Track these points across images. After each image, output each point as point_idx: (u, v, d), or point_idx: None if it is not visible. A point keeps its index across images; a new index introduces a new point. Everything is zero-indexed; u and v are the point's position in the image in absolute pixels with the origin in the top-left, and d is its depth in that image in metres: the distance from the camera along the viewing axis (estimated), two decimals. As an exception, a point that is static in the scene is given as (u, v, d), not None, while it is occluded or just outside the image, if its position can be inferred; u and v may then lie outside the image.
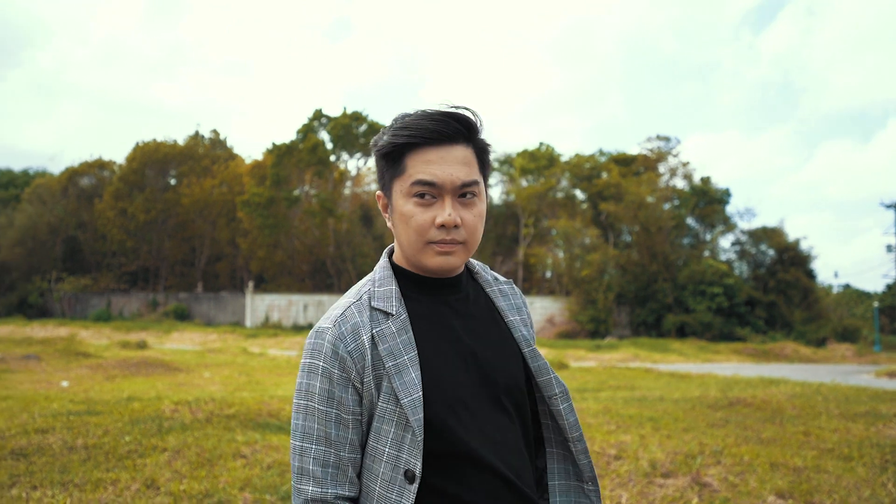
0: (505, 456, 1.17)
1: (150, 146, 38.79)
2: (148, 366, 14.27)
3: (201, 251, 40.31)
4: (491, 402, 1.18)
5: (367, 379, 1.11)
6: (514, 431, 1.20)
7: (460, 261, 1.18)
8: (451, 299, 1.23)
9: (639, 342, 28.19)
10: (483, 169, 1.21)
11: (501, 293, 1.31)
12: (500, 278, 1.35)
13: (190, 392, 9.39)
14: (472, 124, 1.17)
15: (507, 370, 1.21)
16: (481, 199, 1.19)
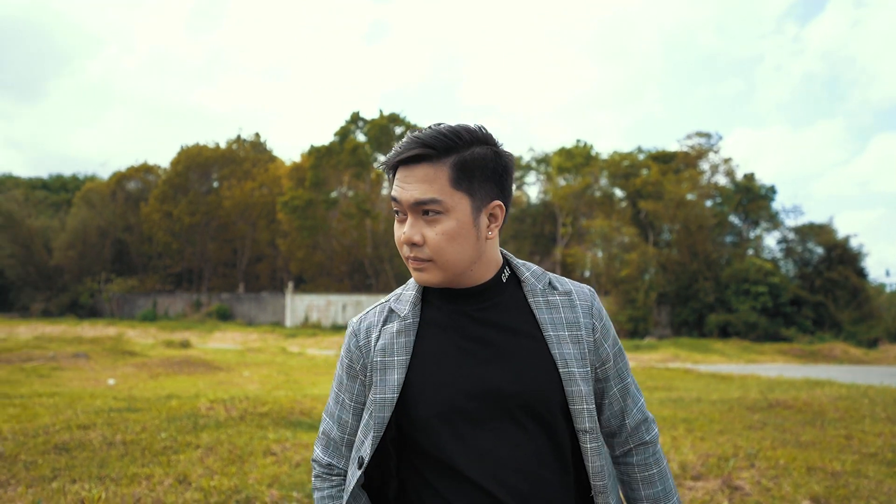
0: (502, 474, 1.14)
1: (193, 150, 39.80)
2: (190, 364, 14.64)
3: (243, 252, 41.17)
4: (499, 415, 1.15)
5: (368, 373, 1.23)
6: (528, 451, 1.16)
7: (433, 277, 1.17)
8: (472, 308, 1.21)
9: (679, 342, 27.68)
10: (463, 183, 1.13)
11: (548, 304, 1.22)
12: (558, 287, 1.25)
13: (229, 390, 9.60)
14: (438, 143, 1.11)
15: (525, 384, 1.16)
16: (449, 217, 1.12)
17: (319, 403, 6.99)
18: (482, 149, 1.14)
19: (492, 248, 1.22)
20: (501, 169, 1.17)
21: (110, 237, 40.61)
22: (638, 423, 1.28)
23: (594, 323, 1.23)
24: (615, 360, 1.26)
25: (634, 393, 1.30)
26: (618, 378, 1.27)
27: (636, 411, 1.28)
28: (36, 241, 39.31)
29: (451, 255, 1.14)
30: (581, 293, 1.25)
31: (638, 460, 1.28)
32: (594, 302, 1.25)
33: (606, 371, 1.25)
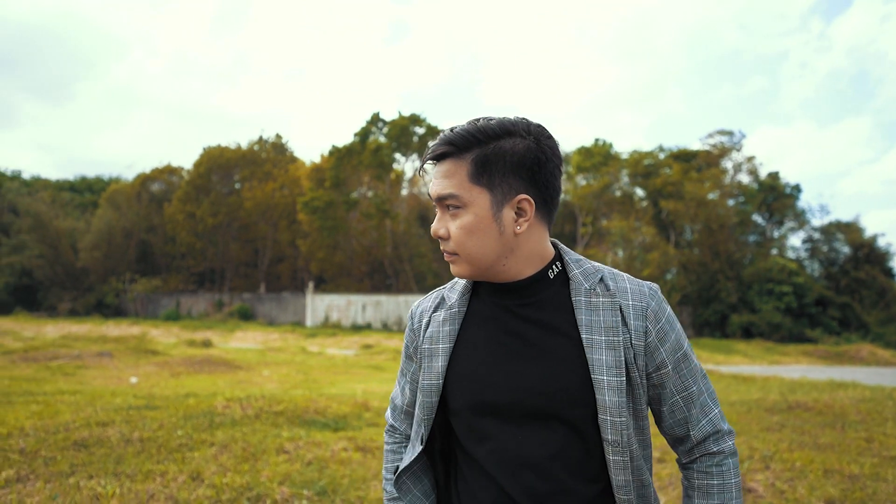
0: (521, 473, 1.15)
1: (215, 151, 40.29)
2: (211, 364, 14.82)
3: (264, 253, 41.56)
4: (526, 415, 1.16)
5: (418, 357, 1.31)
6: (552, 453, 1.15)
7: (463, 270, 1.19)
8: (514, 303, 1.21)
9: (701, 343, 27.36)
10: (482, 178, 1.14)
11: (590, 306, 1.17)
12: (610, 287, 1.18)
13: (247, 389, 9.70)
14: (459, 139, 1.14)
15: (555, 386, 1.14)
16: (468, 211, 1.14)
17: (334, 402, 7.04)
18: (509, 142, 1.13)
19: (529, 243, 1.18)
20: (531, 162, 1.14)
21: (135, 238, 41.28)
22: (706, 435, 1.20)
23: (647, 326, 1.16)
24: (676, 367, 1.19)
25: (705, 402, 1.21)
26: (680, 386, 1.20)
27: (705, 423, 1.20)
28: (63, 242, 40.09)
29: (472, 249, 1.16)
30: (637, 293, 1.18)
31: (699, 468, 1.21)
32: (650, 303, 1.17)
33: (662, 377, 1.18)
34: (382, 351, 20.78)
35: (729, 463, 1.21)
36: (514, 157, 1.14)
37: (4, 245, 42.12)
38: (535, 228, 1.19)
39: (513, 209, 1.15)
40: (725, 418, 1.24)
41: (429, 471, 1.32)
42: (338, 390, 9.80)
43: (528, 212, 1.16)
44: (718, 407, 1.24)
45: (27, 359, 14.22)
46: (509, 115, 1.19)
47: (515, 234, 1.16)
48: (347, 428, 6.04)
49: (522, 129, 1.15)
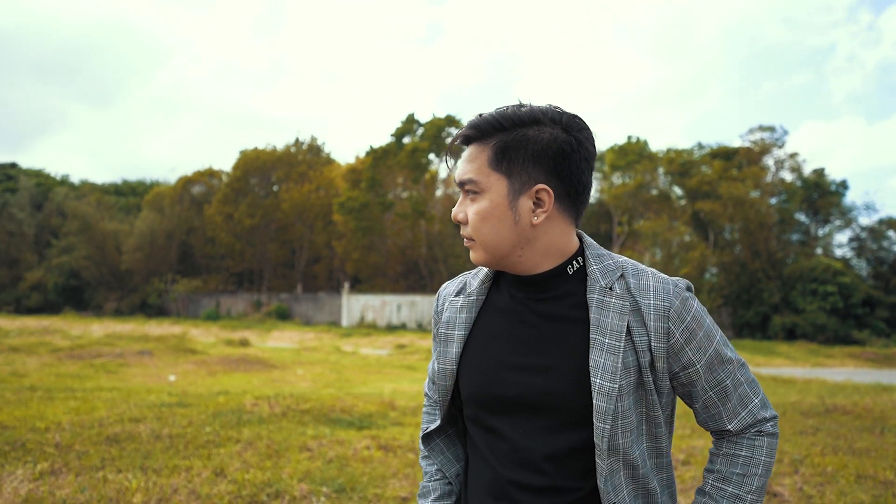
0: (518, 466, 1.15)
1: (251, 154, 41.04)
2: (247, 362, 15.10)
3: (300, 254, 42.16)
4: (528, 409, 1.15)
5: (437, 337, 1.30)
6: (551, 450, 1.13)
7: (479, 257, 1.17)
8: (531, 297, 1.18)
9: (741, 344, 26.74)
10: (502, 164, 1.12)
11: (602, 305, 1.12)
12: (631, 285, 1.13)
13: (281, 388, 9.87)
14: (482, 124, 1.13)
15: (557, 385, 1.12)
16: (484, 197, 1.13)
17: (361, 401, 7.11)
18: (534, 130, 1.11)
19: (547, 235, 1.15)
20: (555, 152, 1.11)
21: (176, 239, 42.32)
22: (745, 426, 1.16)
23: (669, 327, 1.10)
24: (708, 365, 1.13)
25: (744, 393, 1.16)
26: (712, 381, 1.14)
27: (745, 415, 1.15)
28: (108, 244, 41.34)
29: (486, 236, 1.14)
30: (660, 292, 1.12)
31: (732, 439, 1.17)
32: (673, 303, 1.11)
33: (691, 376, 1.13)
34: (416, 351, 20.87)
35: (764, 440, 1.16)
36: (537, 145, 1.11)
37: (54, 247, 43.66)
38: (556, 221, 1.15)
39: (531, 199, 1.12)
40: (769, 405, 1.19)
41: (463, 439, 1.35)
42: (368, 390, 9.89)
43: (546, 202, 1.12)
44: (759, 395, 1.18)
45: (73, 356, 14.71)
46: (547, 103, 1.16)
47: (532, 224, 1.13)
48: (372, 427, 6.10)
49: (551, 118, 1.12)
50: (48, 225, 46.16)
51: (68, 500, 3.68)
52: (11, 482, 3.99)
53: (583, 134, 1.14)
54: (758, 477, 1.15)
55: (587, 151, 1.15)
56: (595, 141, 1.18)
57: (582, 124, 1.15)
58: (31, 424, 5.65)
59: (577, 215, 1.18)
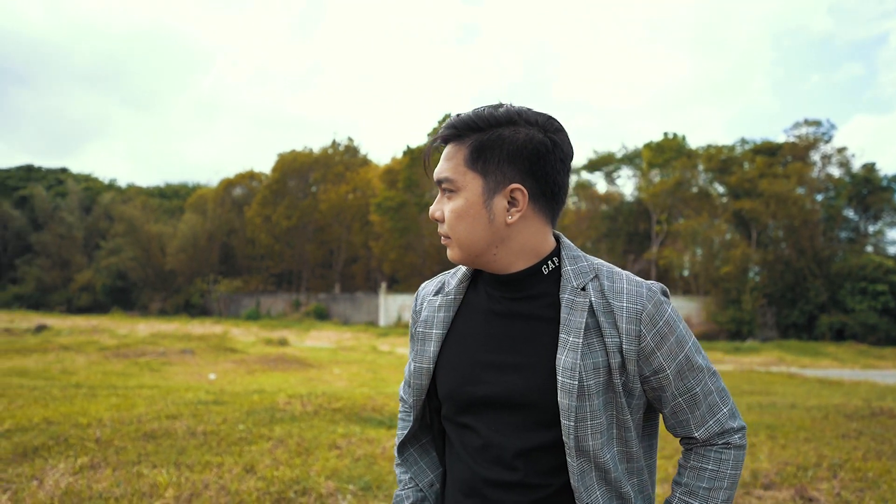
0: (491, 463, 1.16)
1: (289, 156, 41.68)
2: (285, 361, 15.35)
3: (338, 254, 42.64)
4: (501, 407, 1.16)
5: (415, 336, 1.32)
6: (524, 447, 1.15)
7: (454, 254, 1.19)
8: (504, 296, 1.20)
9: (785, 345, 26.03)
10: (478, 164, 1.13)
11: (572, 305, 1.13)
12: (606, 288, 1.14)
13: (317, 387, 10.00)
14: (459, 123, 1.15)
15: (527, 384, 1.13)
16: (459, 196, 1.15)
17: (393, 400, 7.15)
18: (510, 131, 1.13)
19: (522, 235, 1.16)
20: (530, 152, 1.12)
21: (218, 241, 43.28)
22: (712, 434, 1.16)
23: (640, 330, 1.11)
24: (678, 370, 1.14)
25: (713, 402, 1.16)
26: (682, 388, 1.15)
27: (712, 423, 1.16)
28: (153, 246, 42.53)
29: (461, 234, 1.16)
30: (633, 295, 1.13)
31: (699, 451, 1.18)
32: (646, 306, 1.12)
33: (661, 381, 1.14)
34: (451, 350, 20.88)
35: (730, 454, 1.16)
36: (513, 145, 1.13)
37: (102, 249, 45.11)
38: (531, 221, 1.17)
39: (505, 198, 1.14)
40: (737, 415, 1.19)
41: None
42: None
43: (520, 202, 1.14)
44: (729, 405, 1.18)
45: (118, 355, 15.17)
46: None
47: (507, 223, 1.15)
48: (402, 426, 6.13)
49: (527, 119, 1.14)
50: (97, 228, 47.73)
51: (104, 493, 3.80)
52: (53, 475, 4.14)
53: (559, 135, 1.16)
54: (724, 490, 1.16)
55: (563, 152, 1.16)
56: (571, 142, 1.20)
57: (558, 125, 1.17)
58: (74, 420, 5.85)
59: (553, 216, 1.20)
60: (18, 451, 4.81)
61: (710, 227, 31.64)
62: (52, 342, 17.30)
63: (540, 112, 1.16)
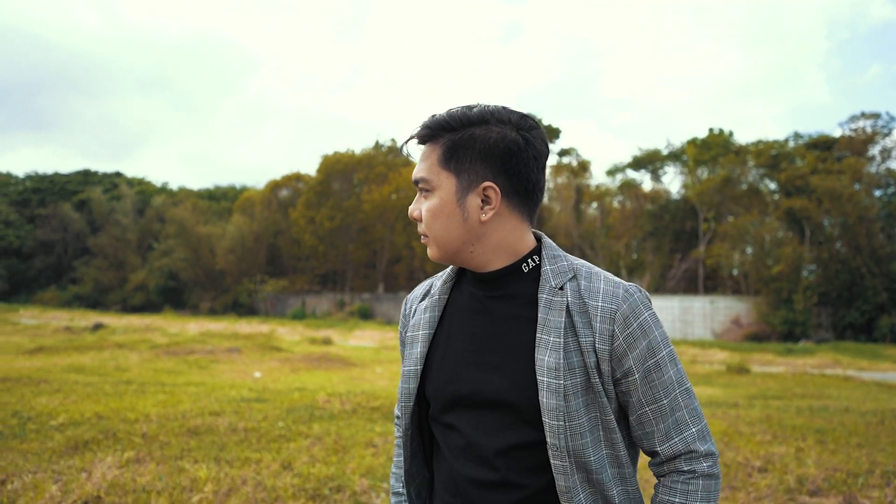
0: (472, 462, 1.17)
1: (332, 158, 42.25)
2: (328, 360, 15.57)
3: (382, 254, 43.00)
4: (480, 407, 1.16)
5: (405, 341, 1.33)
6: (505, 446, 1.14)
7: (433, 252, 1.21)
8: (485, 295, 1.21)
9: (841, 347, 25.07)
10: (451, 163, 1.15)
11: (550, 304, 1.13)
12: (582, 287, 1.14)
13: (358, 385, 10.11)
14: (433, 124, 1.17)
15: (506, 384, 1.13)
16: (434, 195, 1.16)
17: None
18: (482, 130, 1.14)
19: (497, 233, 1.17)
20: (502, 150, 1.13)
21: (264, 241, 44.18)
22: (676, 453, 1.12)
23: (614, 330, 1.10)
24: (646, 376, 1.11)
25: (681, 419, 1.12)
26: (649, 397, 1.12)
27: (677, 441, 1.12)
28: (203, 247, 43.70)
29: (437, 232, 1.17)
30: (609, 295, 1.12)
31: (666, 482, 1.14)
32: (621, 306, 1.11)
33: (629, 386, 1.12)
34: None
35: (698, 484, 1.11)
36: (485, 144, 1.14)
37: (155, 250, 46.59)
38: (506, 218, 1.17)
39: (479, 196, 1.15)
40: (709, 439, 1.13)
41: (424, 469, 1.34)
42: None
43: (493, 200, 1.15)
44: (699, 426, 1.13)
45: (169, 353, 15.64)
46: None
47: (481, 221, 1.16)
48: (439, 425, 6.14)
49: (499, 117, 1.15)
50: (150, 230, 49.31)
51: (147, 487, 3.92)
52: (101, 468, 4.29)
53: (532, 133, 1.16)
54: None
55: (536, 150, 1.16)
56: (547, 140, 1.20)
57: (532, 123, 1.17)
58: (123, 415, 6.05)
59: (529, 214, 1.21)
60: (70, 444, 5.00)
61: (761, 224, 30.71)
62: (108, 340, 17.95)
63: (514, 111, 1.17)
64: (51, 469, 4.27)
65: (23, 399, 6.75)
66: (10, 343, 17.13)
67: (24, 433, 5.30)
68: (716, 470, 1.12)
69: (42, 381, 8.33)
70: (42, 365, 11.78)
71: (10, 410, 6.07)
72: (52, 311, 38.82)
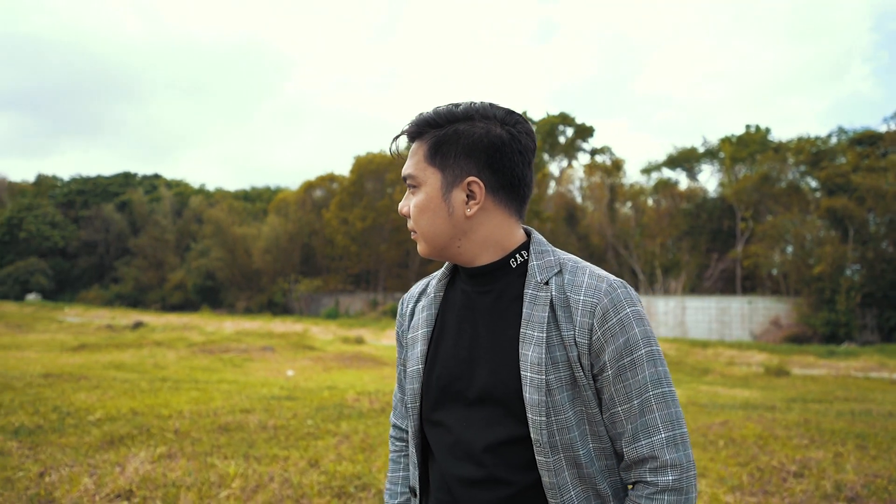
0: (456, 459, 1.16)
1: (365, 159, 42.56)
2: (360, 359, 15.69)
3: (415, 254, 43.13)
4: (467, 404, 1.16)
5: (404, 341, 1.34)
6: (492, 442, 1.13)
7: (422, 248, 1.21)
8: (475, 291, 1.21)
9: (887, 349, 24.24)
10: (436, 159, 1.15)
11: (534, 300, 1.13)
12: (566, 281, 1.13)
13: (388, 384, 10.15)
14: (420, 121, 1.18)
15: (493, 379, 1.13)
16: (421, 191, 1.17)
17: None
18: (467, 125, 1.15)
19: (483, 228, 1.17)
20: (486, 145, 1.14)
21: (299, 242, 44.75)
22: (640, 458, 1.07)
23: (593, 324, 1.08)
24: (620, 374, 1.08)
25: (652, 423, 1.07)
26: (622, 396, 1.08)
27: (643, 445, 1.06)
28: (238, 247, 44.46)
29: (424, 228, 1.18)
30: (591, 289, 1.10)
31: (632, 494, 1.10)
32: (602, 300, 1.09)
33: (603, 382, 1.10)
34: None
35: (663, 499, 1.05)
36: (469, 139, 1.14)
37: (192, 250, 47.58)
38: (492, 213, 1.18)
39: (463, 191, 1.16)
40: (682, 448, 1.06)
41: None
42: None
43: (477, 194, 1.15)
44: (671, 433, 1.07)
45: (205, 351, 15.95)
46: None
47: (466, 216, 1.16)
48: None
49: (484, 113, 1.15)
50: (188, 230, 50.38)
51: (177, 482, 3.99)
52: (134, 462, 4.39)
53: (518, 127, 1.16)
54: None
55: (521, 144, 1.16)
56: (534, 135, 1.20)
57: (518, 119, 1.17)
58: (157, 412, 6.18)
59: (517, 209, 1.20)
60: (106, 439, 5.12)
61: (801, 223, 29.90)
62: (147, 338, 18.38)
63: (501, 107, 1.17)
64: (86, 463, 4.38)
65: (63, 394, 6.95)
66: (54, 340, 17.68)
67: (63, 427, 5.45)
68: (684, 484, 1.05)
69: (82, 377, 8.56)
70: (84, 362, 12.13)
71: (51, 405, 6.25)
72: (95, 309, 39.94)
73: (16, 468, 4.24)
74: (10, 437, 5.05)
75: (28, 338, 18.79)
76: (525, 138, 1.17)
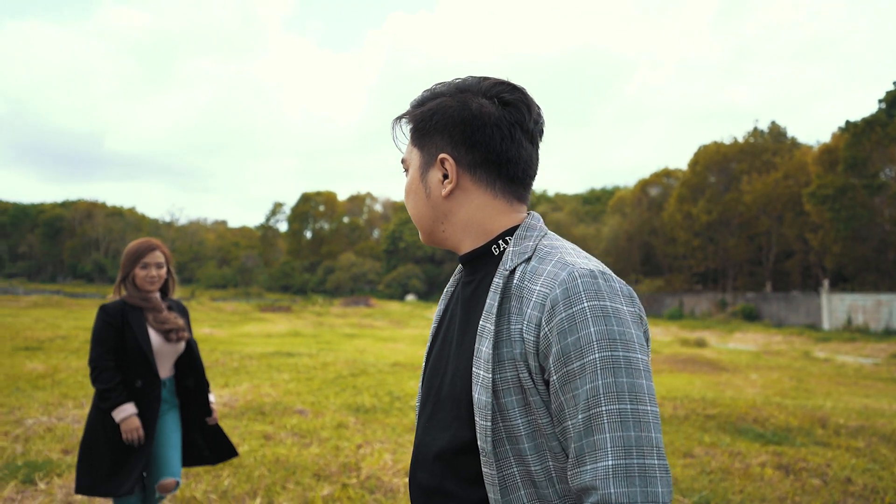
0: (417, 466, 1.06)
1: (710, 148, 39.74)
2: (695, 363, 14.75)
3: (768, 249, 38.71)
4: (433, 405, 1.06)
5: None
6: (438, 448, 1.01)
7: (420, 235, 1.14)
8: (461, 280, 1.12)
9: None
10: (417, 139, 1.08)
11: (496, 288, 0.98)
12: (529, 269, 0.96)
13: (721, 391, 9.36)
14: (414, 102, 1.10)
15: (455, 376, 1.00)
16: (408, 173, 1.12)
17: (784, 413, 6.21)
18: (443, 100, 1.04)
19: (463, 209, 1.04)
20: (460, 120, 1.01)
21: (637, 241, 44.09)
22: (583, 487, 0.84)
23: (540, 318, 0.89)
24: (565, 382, 0.86)
25: (600, 446, 0.82)
26: (572, 407, 0.86)
27: (587, 471, 0.83)
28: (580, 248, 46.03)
29: (411, 210, 1.12)
30: (549, 276, 0.92)
31: None
32: (555, 291, 0.89)
33: (551, 389, 0.89)
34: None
35: None
36: (443, 115, 1.03)
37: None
38: (472, 194, 1.04)
39: (439, 171, 1.05)
40: (638, 483, 0.79)
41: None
42: (834, 403, 8.48)
43: (450, 172, 1.03)
44: (625, 460, 0.80)
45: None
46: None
47: (443, 197, 1.05)
48: (784, 443, 5.28)
49: (468, 87, 1.04)
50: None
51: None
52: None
53: (503, 97, 1.02)
54: None
55: (508, 119, 1.01)
56: (533, 107, 1.04)
57: (505, 89, 1.03)
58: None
59: (506, 189, 1.05)
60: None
61: None
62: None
63: (495, 79, 1.04)
64: (395, 441, 5.05)
65: (400, 381, 8.12)
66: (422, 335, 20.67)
67: (391, 409, 6.37)
68: None
69: (419, 367, 9.87)
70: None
71: (387, 389, 7.37)
72: (458, 308, 45.58)
73: (346, 438, 5.12)
74: (352, 413, 6.11)
75: (403, 332, 22.33)
76: (518, 111, 1.02)
